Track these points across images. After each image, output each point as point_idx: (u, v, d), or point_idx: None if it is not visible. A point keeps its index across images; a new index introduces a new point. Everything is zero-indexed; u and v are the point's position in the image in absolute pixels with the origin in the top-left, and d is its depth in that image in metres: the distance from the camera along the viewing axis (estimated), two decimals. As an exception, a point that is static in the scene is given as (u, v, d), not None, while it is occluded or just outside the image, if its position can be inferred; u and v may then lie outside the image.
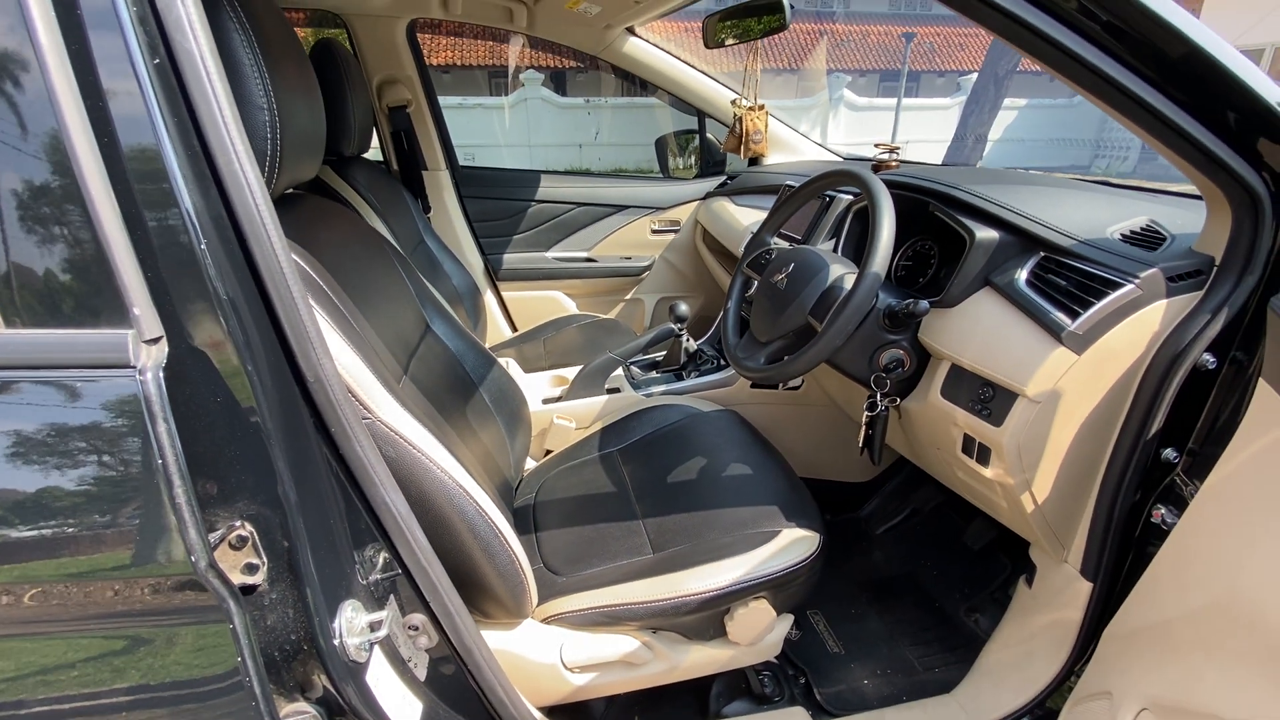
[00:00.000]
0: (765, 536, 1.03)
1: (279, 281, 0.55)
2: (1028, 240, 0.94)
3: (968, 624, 1.34)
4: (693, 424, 1.34)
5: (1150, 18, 0.65)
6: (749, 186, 2.01)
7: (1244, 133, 0.71)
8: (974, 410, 0.94)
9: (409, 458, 0.78)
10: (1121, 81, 0.69)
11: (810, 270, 1.05)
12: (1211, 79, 0.68)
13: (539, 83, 11.46)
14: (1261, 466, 0.62)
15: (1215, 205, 0.79)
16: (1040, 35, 0.67)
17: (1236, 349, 0.79)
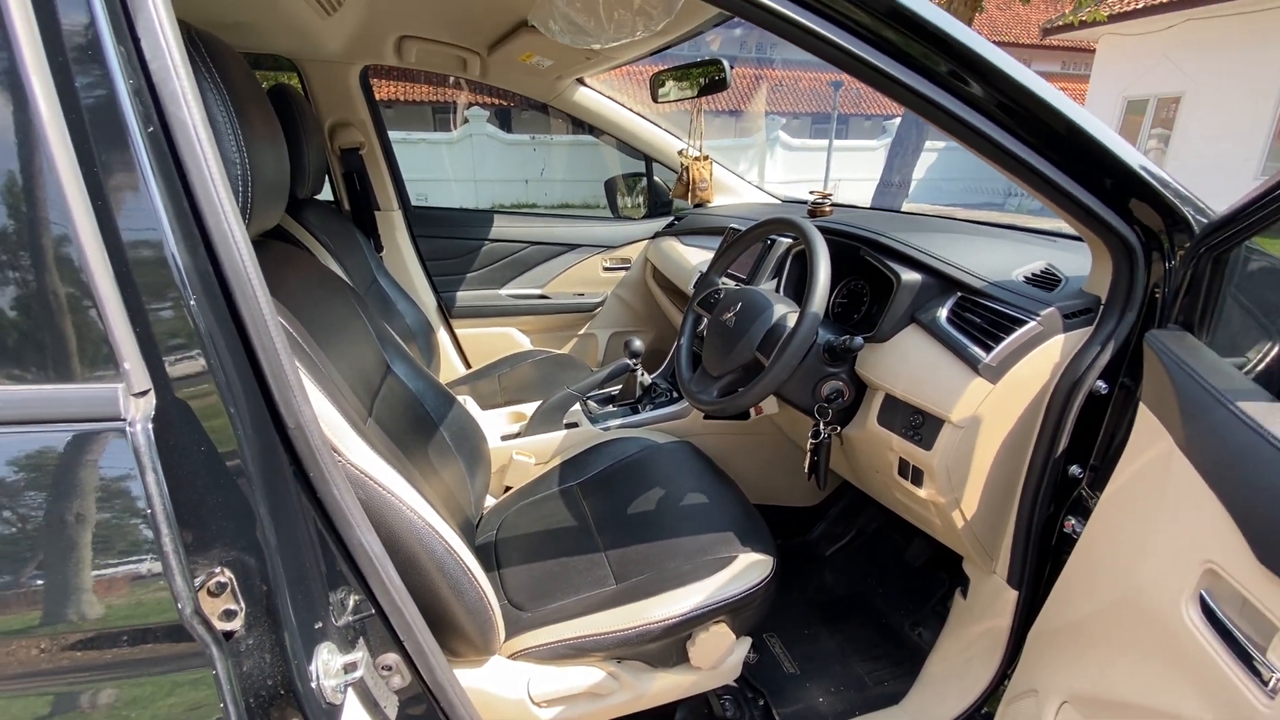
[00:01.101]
0: (723, 562, 1.08)
1: (263, 333, 0.58)
2: (947, 282, 1.05)
3: (912, 637, 1.42)
4: (650, 456, 1.39)
5: (1039, 102, 0.77)
6: (696, 227, 2.12)
7: (1118, 194, 0.84)
8: (907, 436, 1.03)
9: (379, 499, 0.80)
10: (1017, 152, 0.80)
11: (756, 309, 1.14)
12: (1091, 152, 0.80)
13: (484, 119, 11.56)
14: (1145, 479, 0.72)
15: (1098, 253, 0.91)
16: (946, 112, 0.77)
17: (1124, 376, 0.90)
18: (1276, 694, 0.49)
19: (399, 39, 1.76)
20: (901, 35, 0.74)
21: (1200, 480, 0.61)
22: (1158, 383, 0.74)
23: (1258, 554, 0.52)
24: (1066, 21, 10.17)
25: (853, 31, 0.74)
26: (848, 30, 0.74)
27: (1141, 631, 0.66)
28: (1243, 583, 0.54)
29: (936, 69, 0.76)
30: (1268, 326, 0.78)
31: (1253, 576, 0.53)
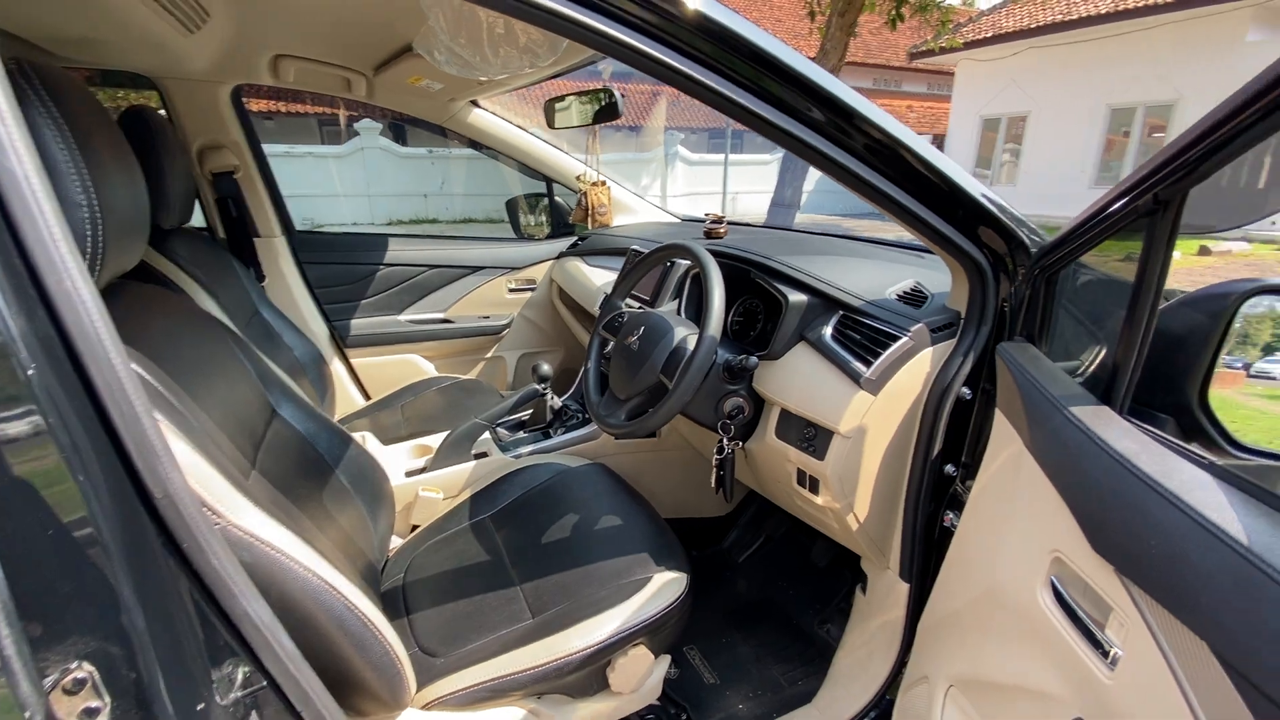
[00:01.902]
0: (638, 584, 1.09)
1: (119, 398, 0.53)
2: (829, 301, 1.13)
3: (821, 635, 1.50)
4: (562, 481, 1.38)
5: (902, 145, 0.85)
6: (599, 248, 2.14)
7: (969, 222, 0.94)
8: (802, 447, 1.09)
9: (267, 560, 0.74)
10: (886, 190, 0.88)
11: (658, 333, 1.17)
12: (945, 187, 0.90)
13: (376, 132, 11.08)
14: (1001, 478, 0.80)
15: (956, 273, 1.01)
16: (822, 154, 0.84)
17: (984, 382, 1.01)
18: (1116, 665, 0.56)
19: (274, 58, 1.66)
20: (781, 87, 0.80)
21: (1045, 478, 0.70)
22: (1007, 390, 0.84)
23: (1092, 543, 0.60)
24: (929, 47, 11.20)
25: (733, 80, 0.79)
26: (727, 78, 0.78)
27: (1006, 617, 0.74)
28: (1083, 569, 0.62)
29: (814, 117, 0.82)
30: (1094, 334, 0.90)
31: (1090, 563, 0.60)
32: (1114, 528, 0.58)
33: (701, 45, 0.76)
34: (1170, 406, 0.73)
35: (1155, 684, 0.51)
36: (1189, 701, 0.47)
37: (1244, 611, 0.44)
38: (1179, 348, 0.72)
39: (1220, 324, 0.69)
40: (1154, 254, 0.62)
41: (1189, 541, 0.49)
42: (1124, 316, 0.67)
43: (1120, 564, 0.56)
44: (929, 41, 11.13)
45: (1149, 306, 0.64)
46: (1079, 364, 0.88)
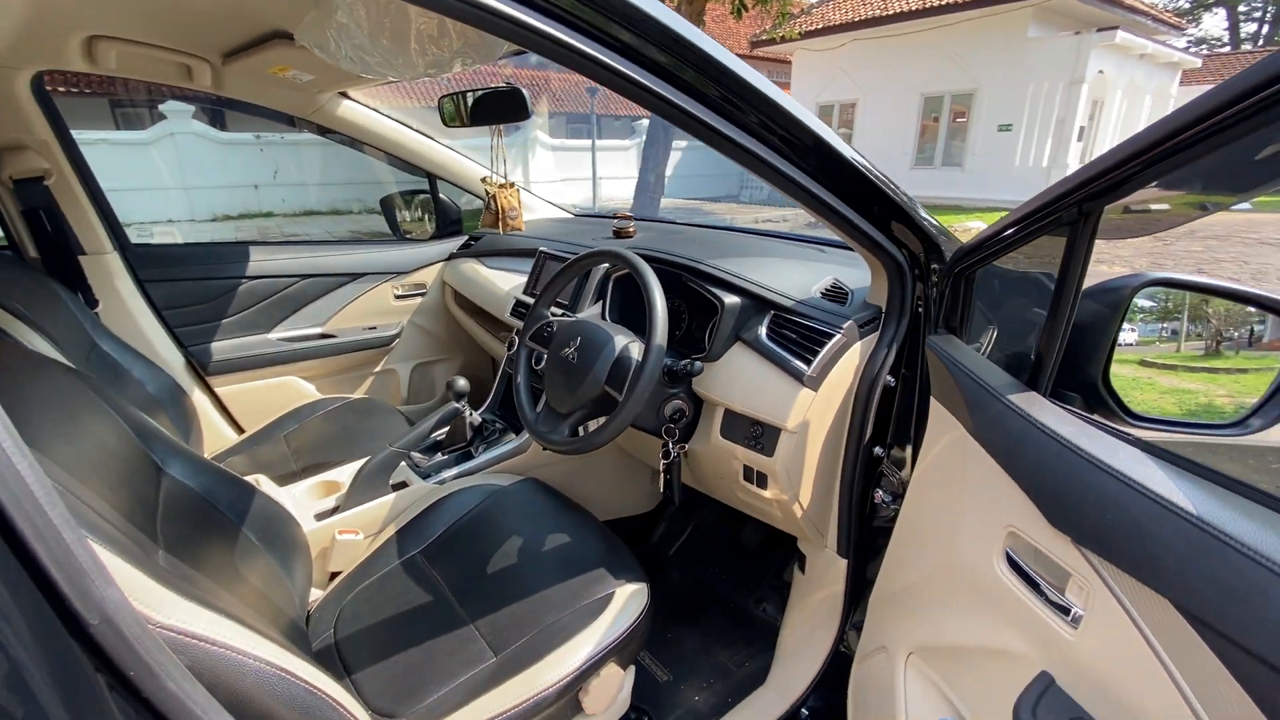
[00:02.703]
0: (602, 602, 1.07)
1: (34, 510, 0.42)
2: (761, 303, 1.17)
3: (759, 614, 1.58)
4: (496, 503, 1.32)
5: (820, 141, 0.89)
6: (496, 248, 2.04)
7: (883, 219, 1.01)
8: (750, 445, 1.12)
9: (207, 658, 0.63)
10: (804, 184, 0.92)
11: (598, 343, 1.14)
12: (862, 184, 0.95)
13: (187, 115, 9.65)
14: (947, 462, 0.89)
15: (875, 269, 1.09)
16: (737, 145, 0.85)
17: (904, 370, 1.10)
18: (1079, 623, 0.64)
19: (88, 39, 1.38)
20: (700, 77, 0.80)
21: (992, 461, 0.78)
22: (942, 380, 0.92)
23: (1049, 519, 0.67)
24: (770, 36, 11.85)
25: (663, 76, 0.78)
26: (655, 73, 0.77)
27: (965, 587, 0.82)
28: (1039, 541, 0.70)
29: (736, 111, 0.83)
30: (1012, 325, 1.01)
31: (1046, 536, 0.68)
32: (1067, 504, 0.66)
33: (621, 35, 0.75)
34: (1078, 386, 0.85)
35: (1120, 636, 0.59)
36: (1155, 651, 0.56)
37: (1204, 572, 0.52)
38: (1083, 335, 0.84)
39: (1118, 313, 0.80)
40: (1075, 256, 0.71)
41: (1144, 514, 0.57)
42: (1048, 310, 0.76)
43: (1078, 536, 0.64)
44: (769, 31, 11.79)
45: (1070, 302, 0.73)
46: (998, 352, 0.99)
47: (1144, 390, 0.86)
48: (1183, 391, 0.94)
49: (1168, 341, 0.94)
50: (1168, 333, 1.00)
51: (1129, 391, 0.82)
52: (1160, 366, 0.90)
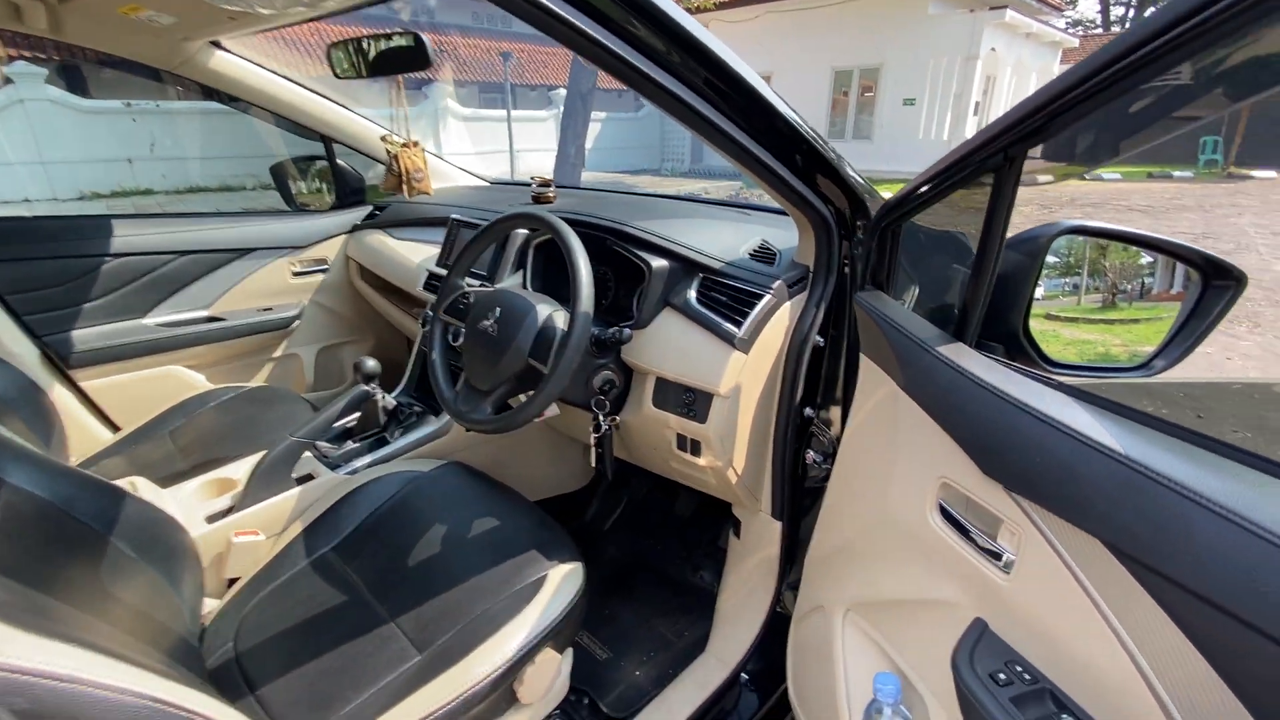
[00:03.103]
0: (534, 587, 1.02)
1: None
2: (690, 265, 1.13)
3: (696, 582, 1.57)
4: (415, 491, 1.23)
5: (743, 86, 0.84)
6: (404, 218, 1.89)
7: (808, 171, 0.98)
8: (683, 413, 1.09)
9: (51, 697, 0.53)
10: (729, 131, 0.87)
11: (519, 313, 1.06)
12: (788, 135, 0.92)
13: (40, 79, 8.48)
14: (878, 418, 0.88)
15: (802, 227, 1.07)
16: (660, 87, 0.79)
17: (832, 330, 1.09)
18: (1011, 569, 0.65)
19: None
20: (621, 11, 0.74)
21: (923, 414, 0.77)
22: (871, 337, 0.91)
23: (980, 466, 0.67)
24: (688, 6, 11.76)
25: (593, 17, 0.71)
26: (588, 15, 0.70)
27: (900, 541, 0.82)
28: (971, 490, 0.70)
29: (653, 48, 0.77)
30: (935, 278, 1.01)
31: (978, 484, 0.68)
32: (1000, 452, 0.66)
33: None
34: (1000, 336, 0.86)
35: (1052, 579, 0.60)
36: (1086, 590, 0.56)
37: (1132, 508, 0.52)
38: (1004, 285, 0.85)
39: (1037, 261, 0.81)
40: (1000, 203, 0.70)
41: (1071, 455, 0.57)
42: (972, 261, 0.75)
43: (1009, 482, 0.64)
44: (686, 1, 11.70)
45: (995, 250, 0.73)
46: (923, 307, 0.99)
47: (1060, 338, 0.89)
48: (1097, 340, 0.98)
49: (1080, 293, 0.97)
50: (1079, 283, 1.04)
51: (1047, 340, 0.84)
52: (1072, 319, 0.93)
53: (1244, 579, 0.44)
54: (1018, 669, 0.64)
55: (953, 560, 0.73)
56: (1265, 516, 0.44)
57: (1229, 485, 0.48)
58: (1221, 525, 0.46)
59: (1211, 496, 0.47)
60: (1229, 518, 0.46)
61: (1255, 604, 0.43)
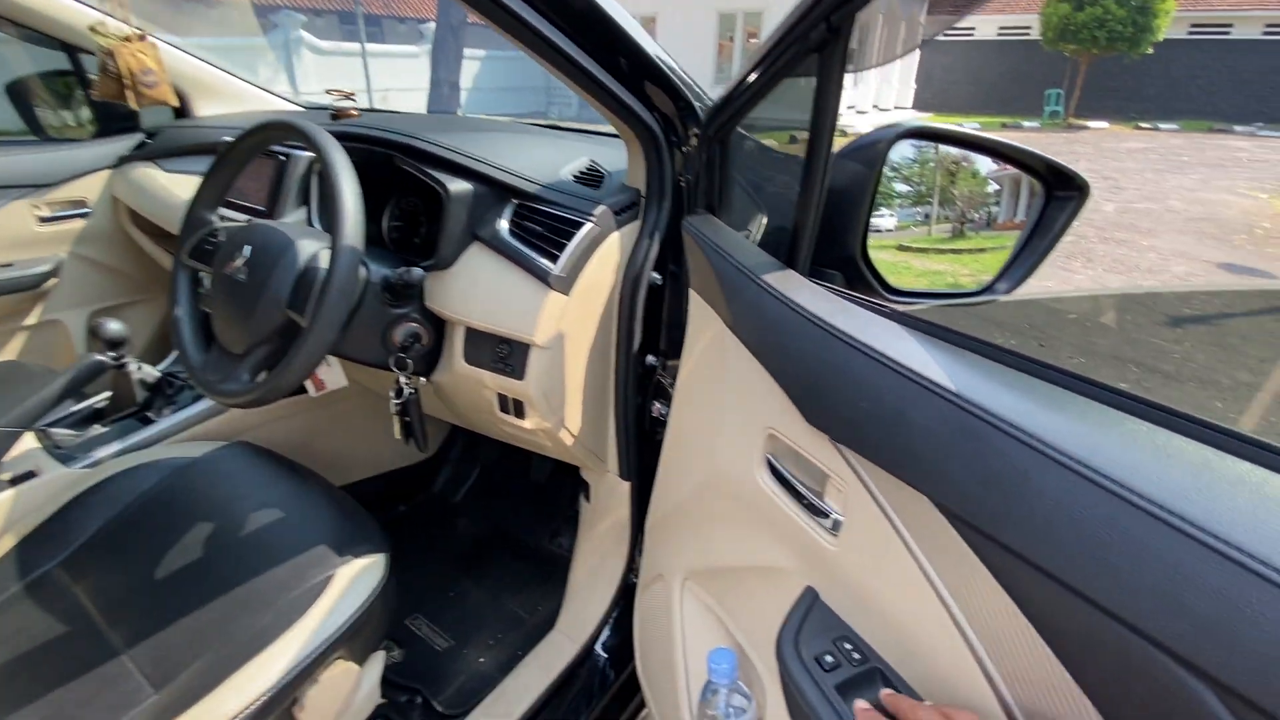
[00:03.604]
0: (316, 589, 0.83)
1: None
2: (500, 189, 0.94)
3: (555, 550, 1.44)
4: (179, 483, 0.99)
5: None
6: (179, 145, 1.53)
7: (634, 77, 0.82)
8: (498, 369, 0.92)
9: None
10: (543, 31, 0.70)
11: (274, 252, 0.83)
12: (608, 31, 0.75)
13: None
14: (707, 363, 0.76)
15: (631, 144, 0.90)
16: None
17: (671, 264, 0.95)
18: (839, 531, 0.54)
19: None
20: None
21: (750, 356, 0.65)
22: (700, 268, 0.78)
23: (804, 415, 0.56)
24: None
25: None
26: None
27: (730, 503, 0.71)
28: (797, 442, 0.59)
29: None
30: (770, 197, 0.89)
31: (804, 435, 0.57)
32: (823, 394, 0.55)
33: None
34: (838, 261, 0.75)
35: (878, 543, 0.50)
36: (914, 554, 0.46)
37: (962, 458, 0.42)
38: (841, 201, 0.73)
39: (875, 172, 0.70)
40: (827, 93, 0.57)
41: (900, 396, 0.47)
42: (804, 167, 0.63)
43: (834, 432, 0.53)
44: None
45: (824, 156, 0.61)
46: (760, 230, 0.87)
47: (899, 263, 0.80)
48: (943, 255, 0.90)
49: (930, 223, 0.88)
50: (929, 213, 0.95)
51: (886, 264, 0.74)
52: (920, 249, 0.84)
53: (1092, 549, 0.34)
54: (847, 647, 0.55)
55: (781, 522, 0.62)
56: (1119, 466, 0.35)
57: (1075, 427, 0.38)
58: (1067, 479, 0.36)
59: (1054, 442, 0.37)
60: (1075, 468, 0.35)
61: (1106, 581, 0.33)
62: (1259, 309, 3.02)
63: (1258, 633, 0.28)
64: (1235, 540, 0.30)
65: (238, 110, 1.74)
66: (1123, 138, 5.14)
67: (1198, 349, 2.58)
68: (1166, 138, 4.81)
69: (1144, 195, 3.92)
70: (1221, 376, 2.35)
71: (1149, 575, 0.32)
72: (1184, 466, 0.34)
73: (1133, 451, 0.36)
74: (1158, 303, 2.87)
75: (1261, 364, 2.35)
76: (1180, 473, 0.34)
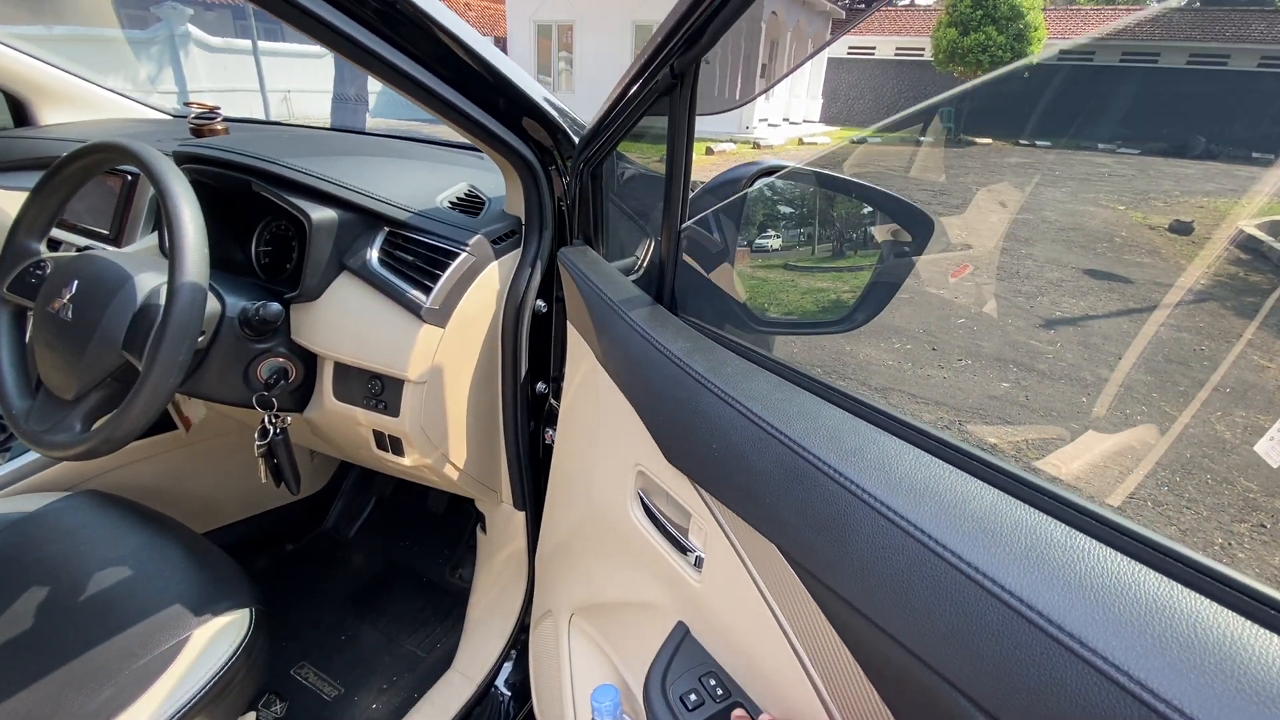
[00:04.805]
0: (168, 656, 0.76)
1: None
2: (370, 217, 0.89)
3: (455, 583, 1.39)
4: (10, 540, 0.88)
5: (443, 30, 0.66)
6: (11, 160, 1.38)
7: (511, 114, 0.81)
8: (370, 406, 0.87)
9: None
10: (419, 79, 0.69)
11: (107, 286, 0.76)
12: (485, 74, 0.74)
13: None
14: (583, 397, 0.75)
15: (509, 174, 0.89)
16: (350, 40, 0.61)
17: (556, 291, 0.94)
18: (701, 565, 0.55)
19: None
20: None
21: (619, 391, 0.65)
22: (574, 301, 0.77)
23: (665, 454, 0.56)
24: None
25: None
26: None
27: (607, 538, 0.71)
28: (661, 479, 0.59)
29: None
30: (642, 228, 0.89)
31: (668, 474, 0.57)
32: (681, 434, 0.55)
33: None
34: (706, 294, 0.76)
35: (735, 581, 0.50)
36: (763, 593, 0.47)
37: (794, 502, 0.43)
38: (705, 235, 0.75)
39: (738, 208, 0.72)
40: (678, 133, 0.58)
41: (744, 438, 0.47)
42: (664, 204, 0.63)
43: (691, 472, 0.54)
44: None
45: (679, 194, 0.61)
46: (634, 262, 0.87)
47: (764, 293, 0.82)
48: (806, 288, 0.93)
49: (813, 244, 0.92)
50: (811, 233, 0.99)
51: (753, 294, 0.76)
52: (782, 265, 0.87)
53: (899, 593, 0.36)
54: (712, 683, 0.55)
55: (653, 558, 0.62)
56: (922, 514, 0.36)
57: (899, 474, 0.40)
58: (884, 529, 0.37)
59: (875, 491, 0.38)
60: (891, 518, 0.37)
61: (911, 624, 0.35)
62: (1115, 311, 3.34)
63: (1035, 674, 0.30)
64: (1009, 585, 0.32)
65: (89, 118, 1.59)
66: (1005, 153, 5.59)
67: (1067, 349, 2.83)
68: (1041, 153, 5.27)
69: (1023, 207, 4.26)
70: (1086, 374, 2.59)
71: (943, 619, 0.33)
72: (976, 511, 0.37)
73: (935, 497, 0.38)
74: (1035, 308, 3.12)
75: (1118, 360, 2.61)
76: (972, 519, 0.36)
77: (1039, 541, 0.34)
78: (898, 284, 0.77)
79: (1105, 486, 1.28)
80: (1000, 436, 2.17)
